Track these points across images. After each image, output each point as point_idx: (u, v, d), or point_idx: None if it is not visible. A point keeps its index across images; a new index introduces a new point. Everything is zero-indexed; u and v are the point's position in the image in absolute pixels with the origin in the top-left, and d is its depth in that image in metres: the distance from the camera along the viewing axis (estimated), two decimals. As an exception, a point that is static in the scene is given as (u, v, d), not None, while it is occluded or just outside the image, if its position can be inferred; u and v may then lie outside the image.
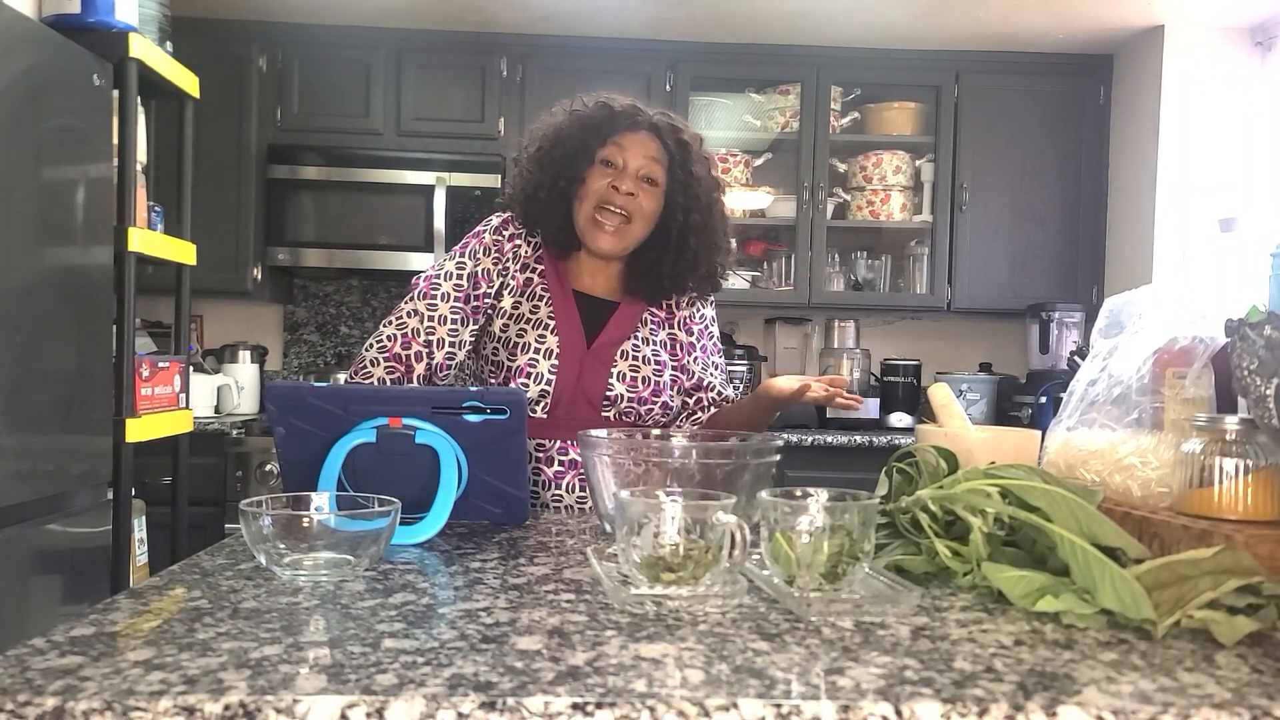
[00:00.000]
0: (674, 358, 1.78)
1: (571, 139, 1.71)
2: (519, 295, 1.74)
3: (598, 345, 1.71)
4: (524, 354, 1.68)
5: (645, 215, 1.71)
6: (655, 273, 1.75)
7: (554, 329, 1.70)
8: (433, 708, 0.68)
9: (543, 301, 1.72)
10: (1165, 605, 0.88)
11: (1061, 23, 3.65)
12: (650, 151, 1.71)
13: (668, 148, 1.72)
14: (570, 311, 1.72)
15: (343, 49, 3.80)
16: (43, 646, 0.78)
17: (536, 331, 1.69)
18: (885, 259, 4.10)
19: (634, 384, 1.71)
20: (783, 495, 1.01)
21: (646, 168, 1.70)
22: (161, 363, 2.69)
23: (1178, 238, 3.64)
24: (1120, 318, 1.37)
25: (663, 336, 1.78)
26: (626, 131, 1.71)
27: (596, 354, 1.71)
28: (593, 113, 1.73)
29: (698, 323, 1.84)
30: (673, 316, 1.81)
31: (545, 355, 1.68)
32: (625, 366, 1.71)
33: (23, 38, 2.16)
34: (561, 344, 1.69)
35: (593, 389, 1.69)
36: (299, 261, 3.75)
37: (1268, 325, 1.06)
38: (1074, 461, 1.29)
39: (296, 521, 1.06)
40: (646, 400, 1.71)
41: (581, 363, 1.69)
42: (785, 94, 3.96)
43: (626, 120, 1.71)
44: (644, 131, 1.72)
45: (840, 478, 1.81)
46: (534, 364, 1.67)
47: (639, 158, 1.70)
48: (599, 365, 1.70)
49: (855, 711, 0.68)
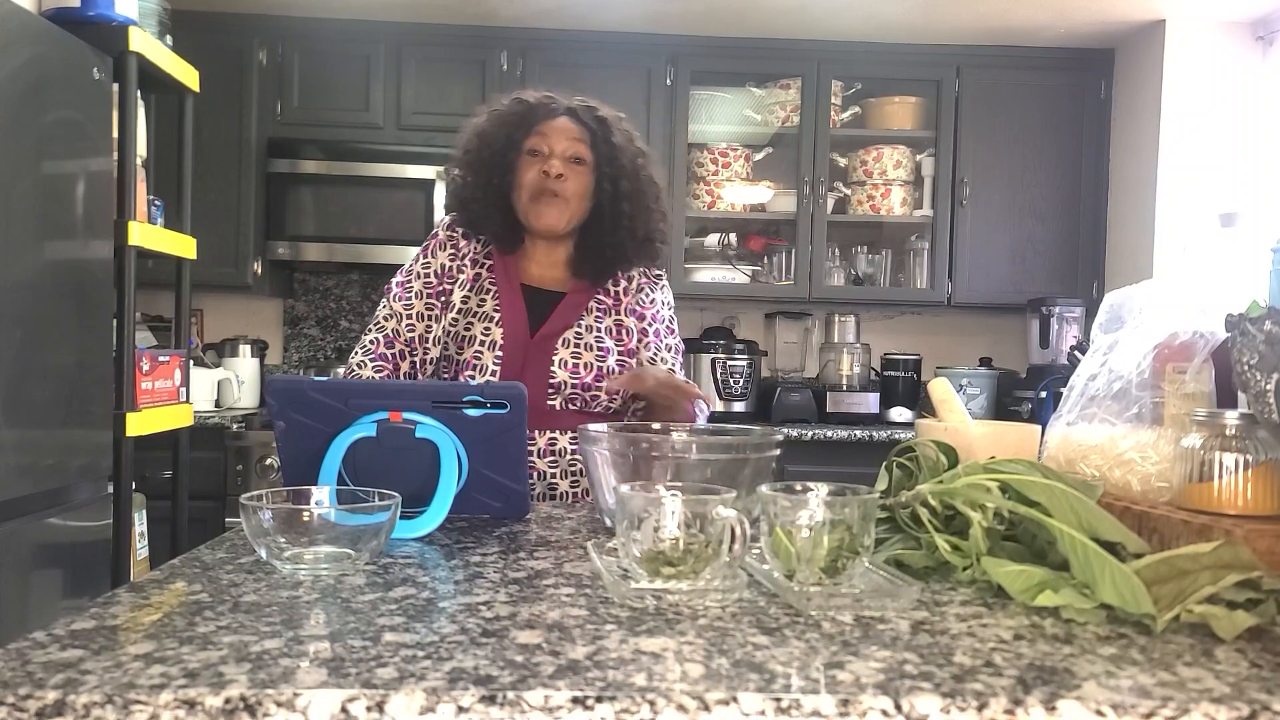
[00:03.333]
0: (619, 343, 1.80)
1: (495, 137, 1.80)
2: (468, 290, 1.80)
3: (541, 335, 1.76)
4: (470, 347, 1.75)
5: (579, 193, 1.78)
6: (597, 247, 1.81)
7: (499, 321, 1.76)
8: (433, 701, 0.68)
9: (489, 295, 1.79)
10: (1165, 600, 0.88)
11: (1062, 17, 3.64)
12: (572, 134, 1.78)
13: (588, 127, 1.79)
14: (516, 303, 1.78)
15: (343, 43, 3.80)
16: (43, 640, 0.79)
17: (482, 325, 1.76)
18: (886, 253, 4.10)
19: (576, 370, 1.74)
20: (783, 490, 1.01)
21: (571, 149, 1.77)
22: (162, 357, 2.69)
23: (1178, 232, 3.64)
24: (1120, 312, 1.37)
25: (608, 323, 1.81)
26: (546, 120, 1.79)
27: (539, 344, 1.75)
28: (511, 109, 1.82)
29: (648, 307, 1.85)
30: (619, 303, 1.83)
31: (489, 347, 1.74)
32: (567, 354, 1.75)
33: (23, 31, 2.15)
34: (505, 335, 1.75)
35: (537, 378, 1.72)
36: (299, 255, 3.74)
37: (1268, 320, 1.06)
38: (1074, 456, 1.29)
39: (297, 515, 1.06)
40: (590, 386, 1.74)
41: (525, 353, 1.74)
42: (786, 88, 3.96)
43: (544, 110, 1.80)
44: (562, 117, 1.80)
45: (840, 472, 1.82)
46: (479, 356, 1.74)
47: (563, 141, 1.77)
48: (541, 355, 1.74)
49: (855, 705, 0.68)
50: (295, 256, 3.75)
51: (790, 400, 3.78)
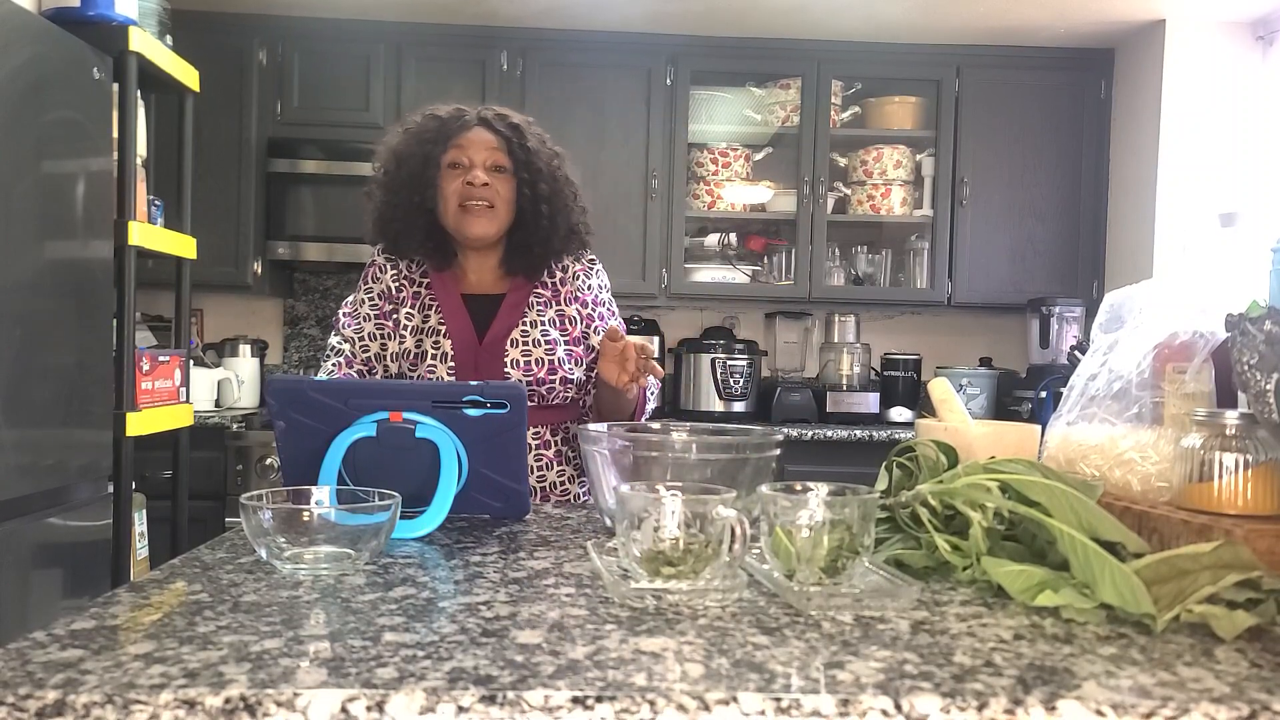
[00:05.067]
0: (565, 333, 1.83)
1: (413, 155, 1.81)
2: (411, 308, 1.83)
3: (489, 340, 1.79)
4: (423, 363, 1.78)
5: (504, 199, 1.80)
6: (525, 246, 1.83)
7: (445, 333, 1.79)
8: (433, 701, 0.68)
9: (432, 309, 1.82)
10: (1164, 600, 0.88)
11: (1062, 17, 3.64)
12: (489, 143, 1.81)
13: (502, 135, 1.81)
14: (459, 313, 1.81)
15: (343, 42, 3.80)
16: (43, 640, 0.79)
17: (431, 339, 1.79)
18: (886, 253, 4.10)
19: (529, 368, 1.76)
20: (783, 489, 1.01)
21: (491, 158, 1.80)
22: (162, 357, 2.69)
23: (1178, 232, 3.64)
24: (1120, 312, 1.37)
25: (551, 314, 1.83)
26: (462, 133, 1.81)
27: (489, 348, 1.78)
28: (425, 124, 1.84)
29: (587, 293, 1.87)
30: (558, 293, 1.85)
31: (441, 359, 1.77)
32: (518, 353, 1.77)
33: (23, 31, 2.15)
34: (455, 345, 1.78)
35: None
36: (299, 255, 3.74)
37: (1268, 320, 1.06)
38: (1074, 456, 1.29)
39: (297, 515, 1.06)
40: (545, 380, 1.77)
41: (476, 359, 1.78)
42: (786, 88, 3.96)
43: (458, 123, 1.82)
44: (477, 128, 1.82)
45: (840, 472, 1.82)
46: (433, 370, 1.77)
47: (481, 151, 1.80)
48: (492, 358, 1.77)
49: (855, 705, 0.68)
50: (295, 256, 3.75)
51: (790, 400, 3.78)
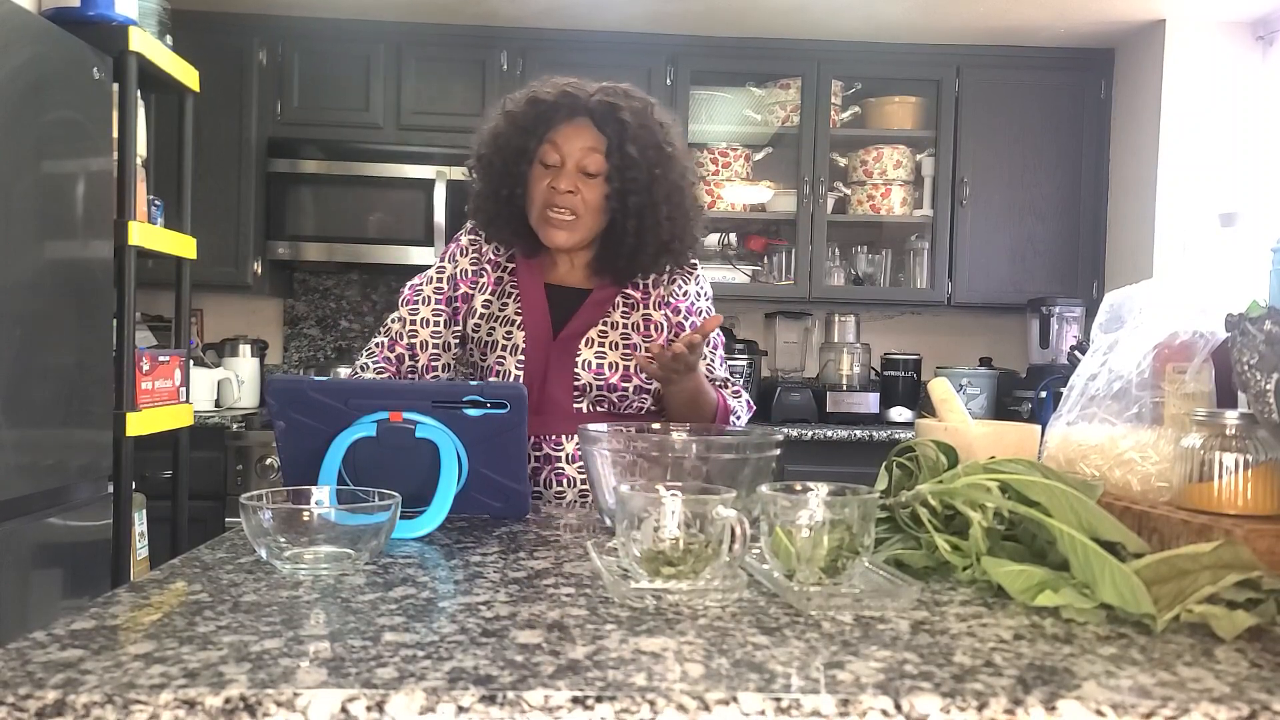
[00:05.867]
0: (648, 339, 1.71)
1: (508, 145, 1.71)
2: (490, 294, 1.75)
3: (563, 336, 1.69)
4: (494, 352, 1.70)
5: (590, 208, 1.68)
6: (616, 255, 1.73)
7: (520, 324, 1.70)
8: (433, 701, 0.68)
9: (511, 298, 1.73)
10: (1164, 600, 0.88)
11: (1062, 17, 3.64)
12: (586, 142, 1.68)
13: (605, 132, 1.68)
14: (538, 305, 1.72)
15: (343, 42, 3.80)
16: (43, 640, 0.79)
17: (504, 329, 1.71)
18: (886, 253, 4.10)
19: (601, 370, 1.67)
20: (783, 489, 1.01)
21: (584, 160, 1.67)
22: (162, 357, 2.69)
23: (1178, 232, 3.64)
24: (1120, 312, 1.37)
25: (636, 318, 1.73)
26: (562, 125, 1.69)
27: (562, 345, 1.69)
28: (525, 111, 1.71)
29: (681, 300, 1.77)
30: (648, 297, 1.75)
31: (511, 351, 1.69)
32: (591, 354, 1.68)
33: (23, 31, 2.15)
34: (527, 338, 1.69)
35: (560, 380, 1.68)
36: (299, 255, 3.74)
37: (1268, 320, 1.06)
38: (1074, 456, 1.29)
39: (297, 515, 1.06)
40: (616, 387, 1.67)
41: (548, 355, 1.68)
42: (786, 88, 3.96)
43: (562, 112, 1.69)
44: (580, 120, 1.69)
45: (840, 472, 1.81)
46: (501, 361, 1.69)
47: (575, 151, 1.68)
48: (564, 355, 1.68)
49: (855, 705, 0.68)
50: (295, 256, 3.75)
51: (790, 400, 3.78)
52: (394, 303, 1.84)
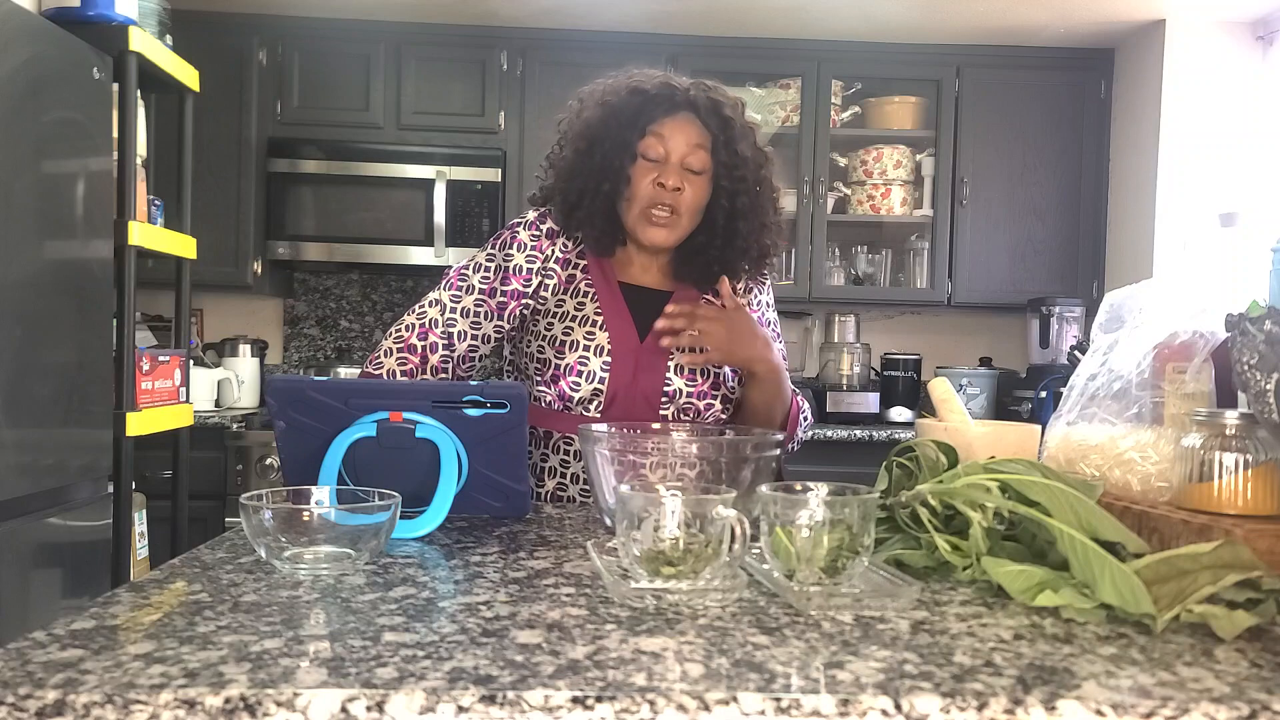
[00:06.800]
0: None
1: (608, 138, 1.60)
2: (561, 292, 1.65)
3: (652, 338, 1.60)
4: (573, 352, 1.60)
5: (693, 207, 1.61)
6: (704, 258, 1.65)
7: (603, 325, 1.61)
8: (433, 701, 0.68)
9: (588, 298, 1.64)
10: (1164, 600, 0.88)
11: (1063, 17, 3.64)
12: (692, 137, 1.60)
13: (709, 128, 1.61)
14: (619, 306, 1.63)
15: (343, 42, 3.80)
16: (43, 640, 0.79)
17: (584, 329, 1.61)
18: (886, 253, 4.10)
19: (692, 377, 1.61)
20: (782, 489, 1.01)
21: (690, 156, 1.60)
22: (162, 357, 2.69)
23: (1178, 232, 3.64)
24: (1120, 312, 1.37)
25: None
26: (665, 118, 1.60)
27: (651, 347, 1.60)
28: (626, 102, 1.60)
29: (756, 310, 1.72)
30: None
31: (596, 352, 1.59)
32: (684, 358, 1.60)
33: (23, 31, 2.15)
34: (613, 340, 1.60)
35: (650, 385, 1.60)
36: (299, 255, 3.74)
37: (1268, 320, 1.06)
38: (1074, 456, 1.29)
39: (297, 515, 1.06)
40: (706, 394, 1.62)
41: (636, 358, 1.60)
42: (786, 88, 3.96)
43: (664, 104, 1.60)
44: (683, 113, 1.61)
45: (840, 472, 1.81)
46: (584, 362, 1.59)
47: (681, 146, 1.59)
48: (654, 360, 1.60)
49: (855, 705, 0.68)
50: (295, 256, 3.75)
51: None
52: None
